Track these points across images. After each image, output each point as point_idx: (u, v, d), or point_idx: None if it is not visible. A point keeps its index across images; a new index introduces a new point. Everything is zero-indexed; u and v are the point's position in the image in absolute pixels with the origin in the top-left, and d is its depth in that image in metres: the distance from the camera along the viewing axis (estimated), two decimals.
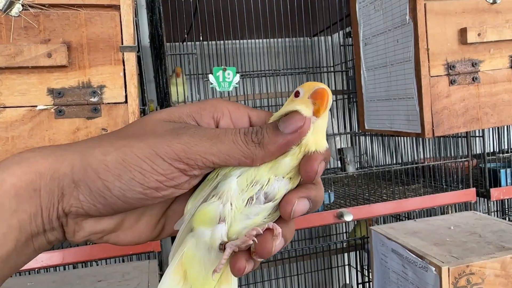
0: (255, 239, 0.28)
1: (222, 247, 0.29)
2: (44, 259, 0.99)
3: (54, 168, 0.28)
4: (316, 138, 0.29)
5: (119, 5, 0.67)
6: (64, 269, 1.11)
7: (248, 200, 0.29)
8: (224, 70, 1.04)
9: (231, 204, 0.29)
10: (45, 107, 0.67)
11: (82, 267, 1.12)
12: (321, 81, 1.76)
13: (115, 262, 1.17)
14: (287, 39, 1.75)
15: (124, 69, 0.69)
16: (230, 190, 0.29)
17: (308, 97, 0.29)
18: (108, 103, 0.69)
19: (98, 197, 0.28)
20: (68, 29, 0.66)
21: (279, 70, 1.36)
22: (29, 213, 0.28)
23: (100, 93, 0.68)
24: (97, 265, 1.06)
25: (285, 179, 0.29)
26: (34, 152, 0.28)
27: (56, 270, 1.08)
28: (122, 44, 0.68)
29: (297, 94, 0.30)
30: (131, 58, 0.69)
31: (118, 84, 0.68)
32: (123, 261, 1.17)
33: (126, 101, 0.69)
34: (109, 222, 0.31)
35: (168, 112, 0.30)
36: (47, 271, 1.13)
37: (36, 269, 1.07)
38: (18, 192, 0.27)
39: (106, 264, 1.08)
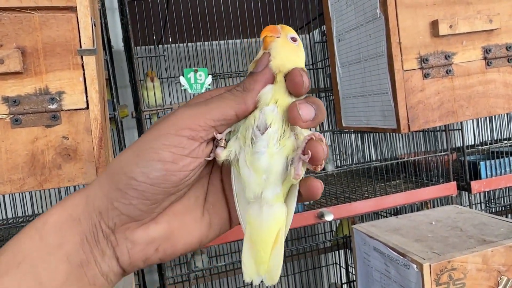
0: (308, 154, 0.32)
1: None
2: None
3: (86, 196, 0.32)
4: (282, 58, 0.33)
5: (76, 7, 0.64)
6: None
7: (251, 141, 0.33)
8: (196, 71, 1.01)
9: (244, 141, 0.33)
10: (0, 116, 0.63)
11: None
12: None
13: None
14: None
15: (84, 74, 0.65)
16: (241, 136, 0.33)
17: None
18: (68, 110, 0.65)
19: (129, 191, 0.31)
20: (21, 34, 0.63)
21: None
22: (74, 243, 0.31)
23: (59, 99, 0.65)
24: None
25: (270, 105, 0.33)
26: (69, 196, 0.33)
27: None
28: (81, 47, 0.65)
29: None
30: (90, 62, 0.65)
31: (78, 89, 0.65)
32: None
33: (87, 107, 0.66)
34: (157, 228, 0.33)
35: None
36: None
37: None
38: (60, 226, 0.31)
39: None
